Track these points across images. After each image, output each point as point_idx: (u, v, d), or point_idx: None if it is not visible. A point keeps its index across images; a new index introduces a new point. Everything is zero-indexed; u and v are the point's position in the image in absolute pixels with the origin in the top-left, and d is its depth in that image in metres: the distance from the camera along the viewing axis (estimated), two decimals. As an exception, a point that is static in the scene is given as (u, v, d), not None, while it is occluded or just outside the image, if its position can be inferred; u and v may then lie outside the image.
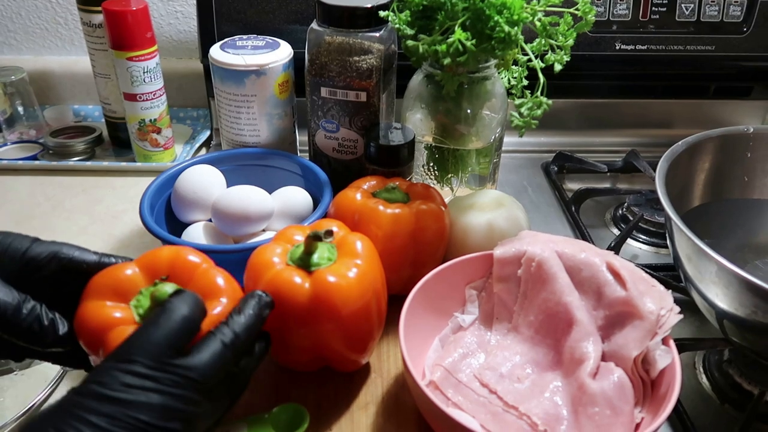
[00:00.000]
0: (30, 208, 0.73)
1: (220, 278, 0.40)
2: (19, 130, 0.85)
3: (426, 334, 0.51)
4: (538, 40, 0.58)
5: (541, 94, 0.58)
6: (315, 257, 0.46)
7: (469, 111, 0.61)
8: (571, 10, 0.57)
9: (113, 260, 0.41)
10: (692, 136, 0.58)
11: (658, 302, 0.46)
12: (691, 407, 0.49)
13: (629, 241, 0.68)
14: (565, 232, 0.71)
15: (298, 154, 0.71)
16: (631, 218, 0.70)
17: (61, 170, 0.79)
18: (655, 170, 0.53)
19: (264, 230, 0.61)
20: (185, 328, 0.34)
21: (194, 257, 0.41)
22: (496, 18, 0.53)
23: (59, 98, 0.93)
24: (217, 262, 0.42)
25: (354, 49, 0.61)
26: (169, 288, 0.38)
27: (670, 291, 0.48)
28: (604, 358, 0.47)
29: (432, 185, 0.61)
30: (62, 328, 0.38)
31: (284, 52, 0.65)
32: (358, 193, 0.55)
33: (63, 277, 0.40)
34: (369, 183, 0.57)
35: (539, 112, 0.58)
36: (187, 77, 0.90)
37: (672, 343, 0.46)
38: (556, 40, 0.58)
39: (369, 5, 0.59)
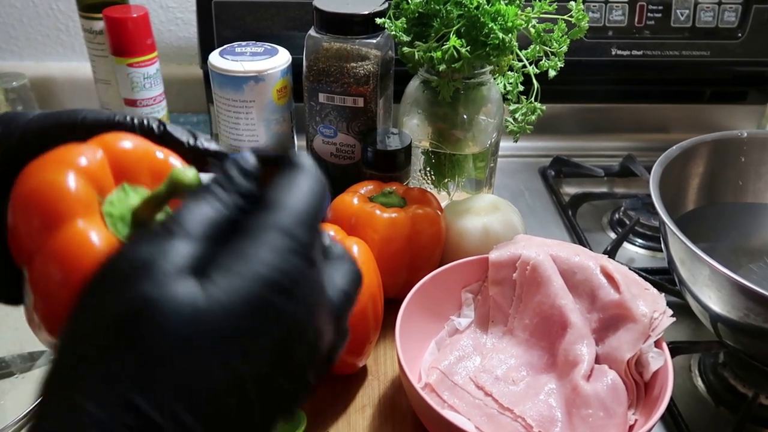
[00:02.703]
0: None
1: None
2: (21, 136, 0.86)
3: (422, 337, 0.52)
4: (532, 46, 0.59)
5: (535, 100, 0.59)
6: (312, 261, 0.46)
7: (465, 116, 0.62)
8: (565, 17, 0.58)
9: (128, 119, 0.30)
10: (686, 140, 0.58)
11: (651, 305, 0.47)
12: (686, 410, 0.50)
13: (625, 244, 0.69)
14: (562, 236, 0.71)
15: (297, 159, 0.72)
16: (627, 222, 0.71)
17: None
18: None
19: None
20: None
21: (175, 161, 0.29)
22: (490, 25, 0.53)
23: (60, 104, 0.94)
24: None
25: (351, 55, 0.62)
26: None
27: (663, 294, 0.48)
28: (598, 360, 0.47)
29: (429, 190, 0.61)
30: None
31: (282, 58, 0.66)
32: (355, 198, 0.56)
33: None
34: (366, 187, 0.58)
35: (533, 117, 0.59)
36: (187, 83, 0.91)
37: (665, 345, 0.46)
38: (550, 47, 0.58)
39: (366, 12, 0.60)
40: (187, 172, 0.25)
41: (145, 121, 0.30)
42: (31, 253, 0.25)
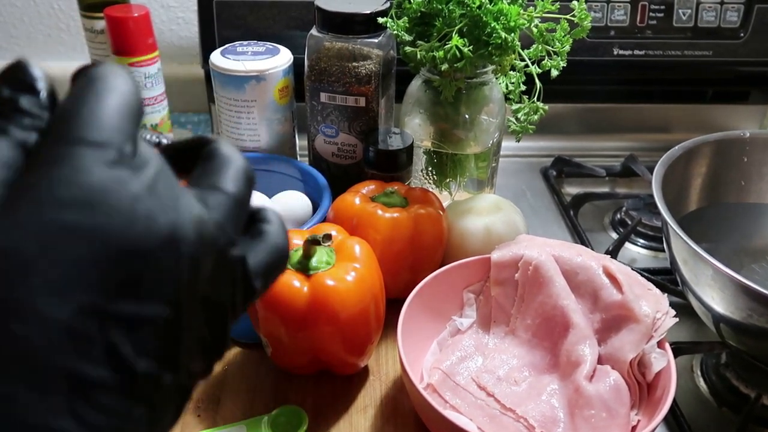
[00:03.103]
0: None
1: None
2: (22, 136, 0.86)
3: (424, 338, 0.52)
4: (534, 46, 0.59)
5: (538, 100, 0.59)
6: (314, 261, 0.46)
7: (467, 116, 0.62)
8: (568, 16, 0.58)
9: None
10: (689, 140, 0.58)
11: (653, 305, 0.46)
12: (689, 411, 0.50)
13: (627, 245, 0.69)
14: (564, 236, 0.71)
15: (298, 159, 0.72)
16: (629, 222, 0.71)
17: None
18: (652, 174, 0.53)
19: (264, 234, 0.62)
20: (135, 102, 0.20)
21: None
22: (492, 24, 0.53)
23: (61, 104, 0.94)
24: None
25: (353, 54, 0.62)
26: None
27: (665, 294, 0.48)
28: (601, 361, 0.47)
29: (430, 189, 0.61)
30: None
31: (284, 57, 0.66)
32: (356, 198, 0.56)
33: None
34: (368, 187, 0.58)
35: (536, 117, 0.59)
36: (188, 83, 0.91)
37: (667, 346, 0.46)
38: (552, 46, 0.58)
39: (368, 12, 0.60)
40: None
41: (155, 138, 0.29)
42: None
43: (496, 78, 0.63)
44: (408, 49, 0.59)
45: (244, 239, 0.23)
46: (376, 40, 0.61)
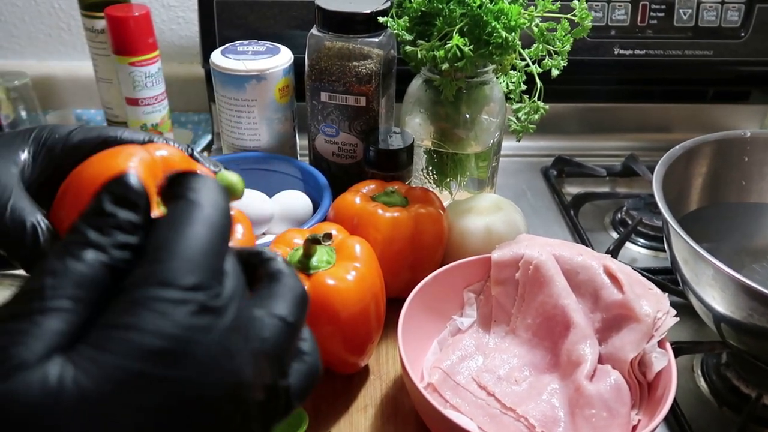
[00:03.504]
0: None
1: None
2: (22, 135, 0.86)
3: (424, 337, 0.52)
4: (535, 45, 0.59)
5: (538, 99, 0.59)
6: (314, 260, 0.46)
7: (467, 115, 0.62)
8: (568, 15, 0.57)
9: (163, 140, 0.33)
10: (690, 140, 0.58)
11: (654, 305, 0.46)
12: (689, 410, 0.50)
13: (628, 244, 0.69)
14: (564, 235, 0.71)
15: (298, 158, 0.72)
16: (629, 222, 0.71)
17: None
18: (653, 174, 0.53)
19: (264, 233, 0.62)
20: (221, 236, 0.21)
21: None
22: (493, 24, 0.53)
23: (62, 103, 0.94)
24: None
25: (353, 54, 0.62)
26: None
27: (666, 294, 0.48)
28: (601, 360, 0.47)
29: (431, 189, 0.61)
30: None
31: (284, 57, 0.66)
32: (357, 197, 0.56)
33: None
34: (368, 187, 0.58)
35: (536, 116, 0.59)
36: (189, 82, 0.91)
37: (668, 345, 0.46)
38: (553, 46, 0.58)
39: (368, 11, 0.60)
40: (232, 176, 0.27)
41: (172, 142, 0.33)
42: None
43: (497, 77, 0.63)
44: (408, 48, 0.59)
45: (291, 366, 0.24)
46: (376, 40, 0.61)
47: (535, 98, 0.59)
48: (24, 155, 0.30)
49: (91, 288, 0.19)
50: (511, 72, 0.62)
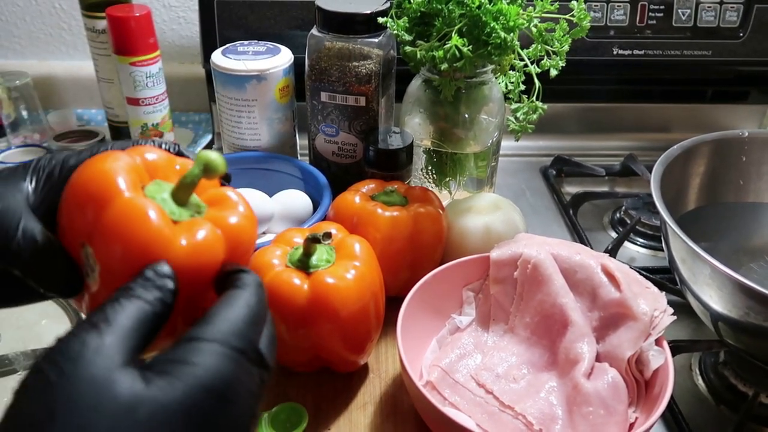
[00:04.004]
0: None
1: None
2: (24, 134, 0.86)
3: (423, 335, 0.52)
4: (534, 45, 0.59)
5: (537, 99, 0.59)
6: (314, 259, 0.46)
7: (466, 115, 0.62)
8: (567, 16, 0.58)
9: (151, 143, 0.35)
10: (688, 140, 0.58)
11: (651, 304, 0.47)
12: (687, 409, 0.50)
13: (626, 244, 0.69)
14: (563, 235, 0.71)
15: (299, 158, 0.72)
16: (628, 221, 0.71)
17: (64, 174, 0.80)
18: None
19: (264, 233, 0.62)
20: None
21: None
22: (492, 24, 0.53)
23: (63, 103, 0.94)
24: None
25: (353, 54, 0.62)
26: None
27: (663, 293, 0.48)
28: (599, 358, 0.47)
29: (430, 188, 0.61)
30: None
31: (285, 57, 0.66)
32: (356, 197, 0.56)
33: None
34: (368, 186, 0.58)
35: (535, 116, 0.59)
36: (189, 82, 0.91)
37: (665, 343, 0.46)
38: (551, 46, 0.58)
39: (368, 11, 0.60)
40: (212, 153, 0.29)
41: (163, 145, 0.35)
42: (90, 234, 0.28)
43: (496, 77, 0.63)
44: (408, 48, 0.59)
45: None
46: (376, 40, 0.62)
47: (534, 98, 0.59)
48: (26, 184, 0.32)
49: (141, 322, 0.25)
50: (510, 72, 0.63)
